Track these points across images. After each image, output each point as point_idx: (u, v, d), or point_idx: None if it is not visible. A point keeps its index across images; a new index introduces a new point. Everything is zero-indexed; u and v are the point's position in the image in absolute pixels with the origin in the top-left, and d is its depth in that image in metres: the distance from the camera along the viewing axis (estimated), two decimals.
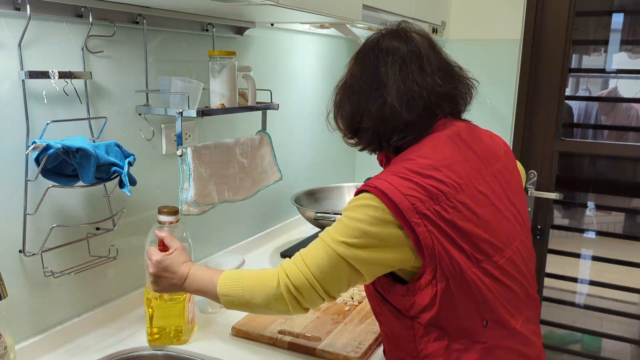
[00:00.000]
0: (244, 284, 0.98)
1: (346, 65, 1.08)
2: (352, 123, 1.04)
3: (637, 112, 3.76)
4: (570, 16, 2.03)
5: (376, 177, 0.95)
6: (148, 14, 1.25)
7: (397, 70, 0.99)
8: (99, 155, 1.05)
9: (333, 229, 0.95)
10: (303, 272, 0.94)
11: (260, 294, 0.97)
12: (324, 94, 2.14)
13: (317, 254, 0.94)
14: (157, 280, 1.05)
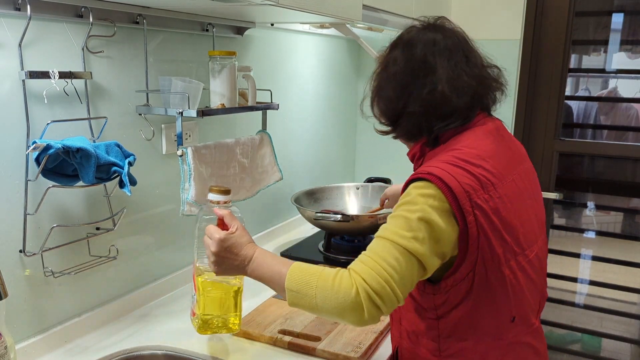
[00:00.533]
0: (318, 284, 0.89)
1: (380, 54, 1.09)
2: (394, 108, 1.03)
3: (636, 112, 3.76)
4: (570, 16, 2.03)
5: (427, 165, 0.94)
6: (148, 14, 1.25)
7: (446, 60, 1.01)
8: (99, 155, 1.05)
9: (396, 226, 0.90)
10: (381, 275, 0.86)
11: (334, 300, 0.87)
12: (324, 94, 2.14)
13: (390, 254, 0.88)
14: (219, 261, 0.99)
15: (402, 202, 0.93)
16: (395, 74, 1.03)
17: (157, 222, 1.39)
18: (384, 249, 0.89)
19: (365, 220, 1.59)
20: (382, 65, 1.06)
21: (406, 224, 0.89)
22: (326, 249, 1.72)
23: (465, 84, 0.99)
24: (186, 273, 1.49)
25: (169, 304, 1.37)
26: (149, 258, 1.38)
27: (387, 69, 1.04)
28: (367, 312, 0.85)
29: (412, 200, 0.91)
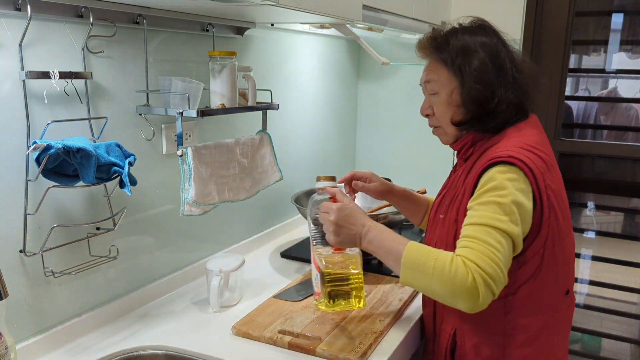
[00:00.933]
0: (436, 267, 0.95)
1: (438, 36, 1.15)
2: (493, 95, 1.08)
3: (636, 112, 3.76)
4: (570, 16, 2.04)
5: (500, 150, 1.02)
6: (148, 14, 1.25)
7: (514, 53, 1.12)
8: (99, 155, 1.05)
9: (492, 212, 0.96)
10: (492, 259, 0.93)
11: (450, 285, 0.93)
12: (324, 94, 2.14)
13: (493, 238, 0.95)
14: (338, 230, 1.05)
15: (490, 188, 0.99)
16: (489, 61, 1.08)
17: (157, 222, 1.39)
18: (487, 234, 0.95)
19: None
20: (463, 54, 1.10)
21: (501, 209, 0.96)
22: None
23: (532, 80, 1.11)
24: (186, 273, 1.49)
25: (169, 303, 1.37)
26: (149, 258, 1.38)
27: (475, 58, 1.09)
28: (482, 297, 0.92)
29: (500, 185, 0.98)
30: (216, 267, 1.31)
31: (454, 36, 1.13)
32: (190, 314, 1.31)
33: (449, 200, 1.16)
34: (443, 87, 1.13)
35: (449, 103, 1.12)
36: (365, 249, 1.07)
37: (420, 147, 2.34)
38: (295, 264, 1.66)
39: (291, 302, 1.34)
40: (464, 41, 1.11)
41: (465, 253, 0.95)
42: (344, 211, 1.06)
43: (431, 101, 1.17)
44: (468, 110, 1.10)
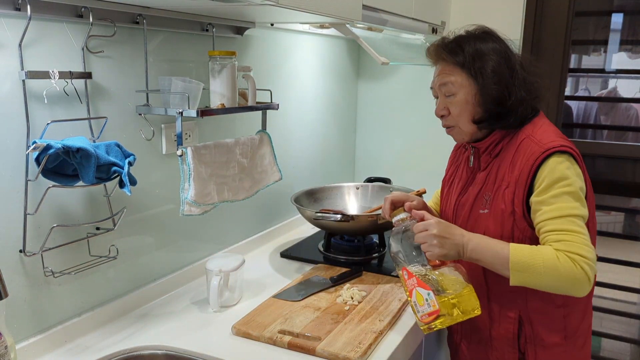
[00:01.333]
0: (546, 265, 1.06)
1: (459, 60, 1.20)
2: (509, 95, 1.17)
3: (636, 112, 3.76)
4: (570, 16, 2.03)
5: (545, 142, 1.14)
6: (148, 14, 1.25)
7: (519, 57, 1.22)
8: (99, 155, 1.05)
9: (567, 202, 1.10)
10: (587, 244, 1.07)
11: (563, 279, 1.06)
12: (324, 94, 2.14)
13: (578, 225, 1.09)
14: (442, 242, 1.12)
15: (555, 180, 1.11)
16: (504, 63, 1.18)
17: (157, 222, 1.39)
18: (571, 224, 1.09)
19: (364, 220, 1.60)
20: (478, 58, 1.18)
21: (572, 197, 1.10)
22: (326, 248, 1.72)
23: (538, 77, 1.21)
24: (186, 273, 1.49)
25: (169, 303, 1.37)
26: (149, 258, 1.38)
27: (491, 60, 1.18)
28: (590, 280, 1.06)
29: (563, 175, 1.11)
30: (216, 267, 1.31)
31: (465, 41, 1.21)
32: (190, 314, 1.31)
33: (490, 194, 1.23)
34: (461, 88, 1.20)
35: (467, 103, 1.20)
36: (469, 258, 1.14)
37: (420, 146, 2.34)
38: (295, 264, 1.66)
39: (291, 302, 1.34)
40: (477, 46, 1.19)
41: (564, 247, 1.07)
42: (442, 224, 1.14)
43: (446, 102, 1.24)
44: (487, 109, 1.19)
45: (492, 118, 1.20)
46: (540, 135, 1.17)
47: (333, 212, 1.61)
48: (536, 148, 1.14)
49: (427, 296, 1.13)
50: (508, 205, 1.18)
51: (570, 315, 1.24)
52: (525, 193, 1.16)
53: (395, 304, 1.33)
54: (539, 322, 1.24)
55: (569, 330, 1.25)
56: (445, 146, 2.32)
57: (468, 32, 1.24)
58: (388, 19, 1.62)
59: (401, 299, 1.36)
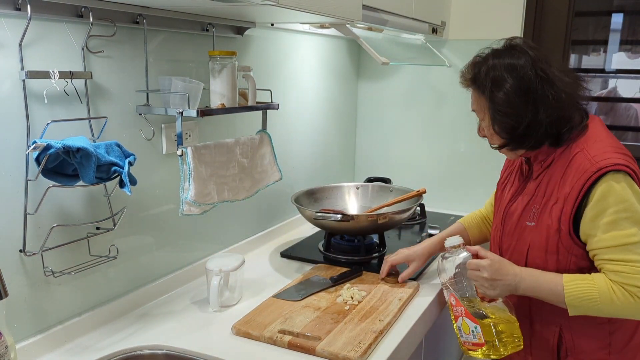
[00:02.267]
0: (601, 299, 1.08)
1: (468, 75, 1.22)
2: (521, 122, 1.15)
3: (636, 112, 3.76)
4: (570, 16, 2.04)
5: (599, 158, 1.10)
6: (148, 14, 1.25)
7: (553, 69, 1.16)
8: (99, 155, 1.05)
9: (623, 229, 1.08)
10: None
11: (619, 310, 1.08)
12: (324, 94, 2.14)
13: (635, 253, 1.07)
14: (493, 285, 1.16)
15: (612, 203, 1.08)
16: (513, 92, 1.14)
17: (157, 221, 1.39)
18: (629, 253, 1.08)
19: (365, 220, 1.60)
20: (491, 85, 1.17)
21: (630, 223, 1.08)
22: (326, 248, 1.72)
23: (574, 85, 1.17)
24: (186, 273, 1.49)
25: (169, 303, 1.37)
26: (149, 258, 1.38)
27: (501, 89, 1.15)
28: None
29: (620, 198, 1.08)
30: (216, 267, 1.31)
31: (484, 63, 1.20)
32: (190, 313, 1.31)
33: (538, 207, 1.21)
34: (483, 115, 1.23)
35: (488, 131, 1.24)
36: (524, 294, 1.17)
37: (419, 147, 2.34)
38: (295, 264, 1.66)
39: (291, 302, 1.34)
40: (493, 70, 1.17)
41: (620, 279, 1.08)
42: (494, 265, 1.16)
43: (481, 124, 1.27)
44: (502, 137, 1.21)
45: (510, 143, 1.21)
46: (595, 150, 1.13)
47: (333, 212, 1.61)
48: (588, 165, 1.11)
49: (474, 329, 1.18)
50: (554, 222, 1.17)
51: (617, 331, 1.21)
52: (574, 212, 1.13)
53: (396, 303, 1.33)
54: (582, 335, 1.22)
55: (615, 346, 1.21)
56: (444, 146, 2.32)
57: (494, 49, 1.21)
58: (388, 19, 1.62)
59: (401, 299, 1.36)
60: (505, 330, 1.16)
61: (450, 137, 2.28)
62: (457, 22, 2.17)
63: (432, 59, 2.22)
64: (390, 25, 1.66)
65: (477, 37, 2.13)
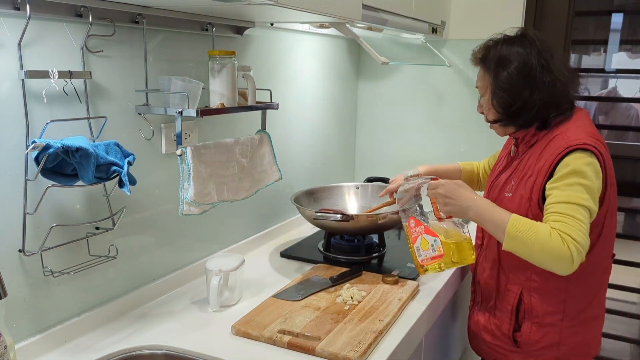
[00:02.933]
0: (537, 237, 1.16)
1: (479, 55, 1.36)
2: (518, 99, 1.29)
3: (636, 112, 3.76)
4: (570, 16, 2.03)
5: (572, 139, 1.23)
6: (148, 13, 1.25)
7: (554, 59, 1.29)
8: (98, 155, 1.05)
9: (578, 192, 1.18)
10: (582, 231, 1.15)
11: (549, 253, 1.15)
12: (324, 94, 2.14)
13: (581, 214, 1.17)
14: (447, 202, 1.29)
15: (571, 172, 1.20)
16: (516, 73, 1.28)
17: (157, 221, 1.39)
18: (575, 211, 1.17)
19: (364, 220, 1.59)
20: (497, 65, 1.31)
21: (584, 190, 1.18)
22: (326, 248, 1.72)
23: (570, 78, 1.31)
24: (186, 273, 1.49)
25: (169, 303, 1.37)
26: (149, 257, 1.38)
27: (506, 69, 1.29)
28: (574, 262, 1.14)
29: (580, 169, 1.20)
30: (216, 267, 1.31)
31: (495, 47, 1.34)
32: (190, 313, 1.31)
33: (516, 181, 1.34)
34: (486, 91, 1.36)
35: (487, 105, 1.37)
36: (472, 219, 1.28)
37: (419, 146, 2.34)
38: (295, 264, 1.66)
39: (291, 302, 1.34)
40: (501, 52, 1.31)
41: (560, 227, 1.16)
42: (451, 185, 1.30)
43: (482, 101, 1.40)
44: (497, 111, 1.34)
45: (503, 119, 1.34)
46: (573, 133, 1.26)
47: (333, 212, 1.61)
48: (562, 144, 1.24)
49: (434, 242, 1.32)
50: (527, 192, 1.29)
51: (571, 299, 1.32)
52: (544, 183, 1.25)
53: (395, 303, 1.33)
54: (538, 300, 1.34)
55: (568, 314, 1.33)
56: (444, 145, 2.32)
57: (506, 35, 1.35)
58: (388, 18, 1.62)
59: (401, 299, 1.36)
60: (460, 240, 1.31)
61: (450, 137, 2.28)
62: (457, 22, 2.17)
63: (432, 58, 2.22)
64: (390, 25, 1.66)
65: (477, 37, 2.12)
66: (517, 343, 1.39)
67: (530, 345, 1.37)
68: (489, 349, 1.47)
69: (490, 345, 1.46)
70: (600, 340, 1.42)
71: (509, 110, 1.31)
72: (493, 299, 1.44)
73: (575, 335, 1.34)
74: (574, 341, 1.35)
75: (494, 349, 1.45)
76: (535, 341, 1.36)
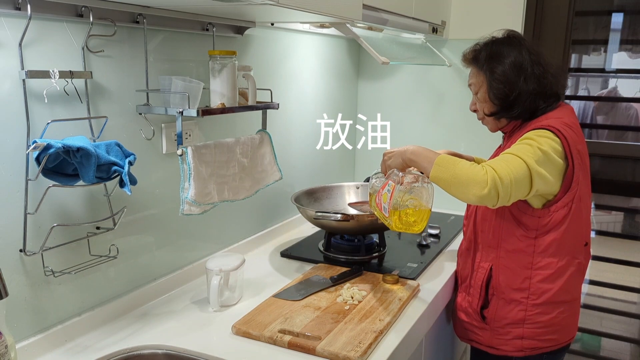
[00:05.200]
0: (460, 165, 1.23)
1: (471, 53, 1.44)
2: (512, 89, 1.36)
3: (636, 112, 3.76)
4: (570, 16, 2.03)
5: (546, 123, 1.31)
6: (148, 13, 1.25)
7: (543, 55, 1.40)
8: (99, 155, 1.05)
9: (524, 150, 1.25)
10: (507, 171, 1.20)
11: (467, 175, 1.21)
12: (324, 93, 2.14)
13: (518, 165, 1.22)
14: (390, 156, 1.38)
15: (525, 139, 1.28)
16: (510, 67, 1.36)
17: (157, 221, 1.39)
18: (513, 161, 1.23)
19: (364, 220, 1.60)
20: (491, 61, 1.39)
21: (531, 150, 1.25)
22: (326, 248, 1.72)
23: (558, 73, 1.40)
24: (186, 272, 1.49)
25: (169, 303, 1.37)
26: (149, 257, 1.38)
27: (500, 64, 1.37)
28: (487, 189, 1.18)
29: (535, 139, 1.27)
30: (216, 267, 1.31)
31: (486, 48, 1.42)
32: (190, 313, 1.31)
33: None
34: (480, 87, 1.43)
35: (485, 99, 1.43)
36: (409, 159, 1.32)
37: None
38: (295, 264, 1.66)
39: (291, 302, 1.34)
40: (494, 50, 1.40)
41: (490, 162, 1.23)
42: (393, 148, 1.39)
43: (475, 99, 1.47)
44: (495, 103, 1.41)
45: (501, 110, 1.41)
46: (546, 120, 1.34)
47: (333, 212, 1.61)
48: (534, 126, 1.33)
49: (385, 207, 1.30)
50: None
51: (535, 278, 1.38)
52: None
53: (396, 303, 1.33)
54: (505, 276, 1.41)
55: (534, 292, 1.39)
56: (445, 145, 2.32)
57: (494, 37, 1.44)
58: (388, 18, 1.62)
59: (401, 299, 1.36)
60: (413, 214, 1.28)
61: (450, 136, 2.28)
62: (457, 22, 2.17)
63: (432, 58, 2.22)
64: (391, 24, 1.66)
65: (477, 37, 2.12)
66: (485, 319, 1.46)
67: (497, 321, 1.44)
68: (462, 328, 1.55)
69: (464, 324, 1.53)
70: (574, 328, 1.47)
71: (506, 101, 1.38)
72: (468, 278, 1.51)
73: (540, 315, 1.39)
74: (540, 321, 1.40)
75: (467, 327, 1.53)
76: (501, 317, 1.43)
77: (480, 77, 1.42)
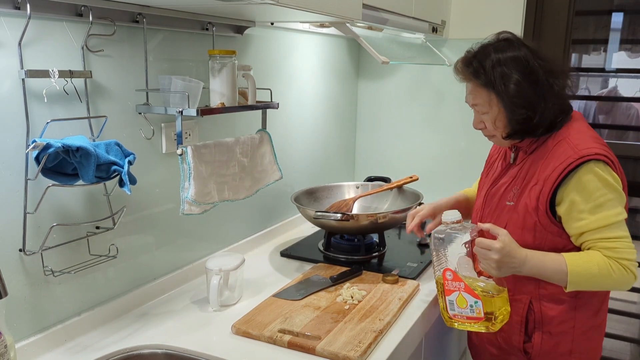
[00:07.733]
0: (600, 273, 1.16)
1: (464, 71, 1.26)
2: (535, 108, 1.21)
3: (636, 112, 3.76)
4: (570, 15, 2.03)
5: (581, 148, 1.19)
6: (148, 13, 1.25)
7: (551, 64, 1.24)
8: (99, 154, 1.05)
9: (612, 208, 1.18)
10: (631, 247, 1.18)
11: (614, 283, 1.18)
12: (324, 93, 2.14)
13: (622, 229, 1.19)
14: (500, 266, 1.18)
15: (596, 188, 1.17)
16: (524, 83, 1.20)
17: (157, 221, 1.39)
18: (618, 230, 1.18)
19: (364, 219, 1.59)
20: (499, 78, 1.21)
21: (616, 203, 1.18)
22: (326, 248, 1.72)
23: (570, 83, 1.26)
24: (186, 272, 1.49)
25: (169, 302, 1.37)
26: (149, 257, 1.38)
27: (511, 81, 1.20)
28: (636, 278, 1.19)
29: (604, 183, 1.17)
30: (216, 266, 1.31)
31: (486, 58, 1.23)
32: (190, 313, 1.31)
33: (518, 189, 1.28)
34: (489, 108, 1.25)
35: (498, 121, 1.26)
36: (529, 274, 1.21)
37: (419, 146, 2.34)
38: (295, 263, 1.66)
39: (291, 301, 1.34)
40: (497, 62, 1.21)
41: (614, 254, 1.17)
42: (505, 249, 1.17)
43: (482, 118, 1.29)
44: (514, 128, 1.25)
45: (520, 133, 1.26)
46: (577, 139, 1.21)
47: (333, 212, 1.61)
48: (571, 153, 1.19)
49: (474, 304, 1.20)
50: (532, 201, 1.23)
51: (582, 307, 1.29)
52: (552, 192, 1.20)
53: (396, 303, 1.33)
54: (549, 308, 1.29)
55: (580, 320, 1.29)
56: (444, 146, 2.32)
57: (489, 43, 1.26)
58: (388, 18, 1.62)
59: (401, 298, 1.36)
60: (502, 305, 1.21)
61: (450, 136, 2.28)
62: (457, 21, 2.17)
63: (432, 58, 2.22)
64: (391, 24, 1.66)
65: (477, 36, 2.11)
66: (528, 354, 1.34)
67: (542, 355, 1.32)
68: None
69: (498, 358, 1.41)
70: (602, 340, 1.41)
71: (529, 125, 1.23)
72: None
73: (587, 342, 1.32)
74: (586, 347, 1.32)
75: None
76: (547, 351, 1.31)
77: (486, 95, 1.24)
